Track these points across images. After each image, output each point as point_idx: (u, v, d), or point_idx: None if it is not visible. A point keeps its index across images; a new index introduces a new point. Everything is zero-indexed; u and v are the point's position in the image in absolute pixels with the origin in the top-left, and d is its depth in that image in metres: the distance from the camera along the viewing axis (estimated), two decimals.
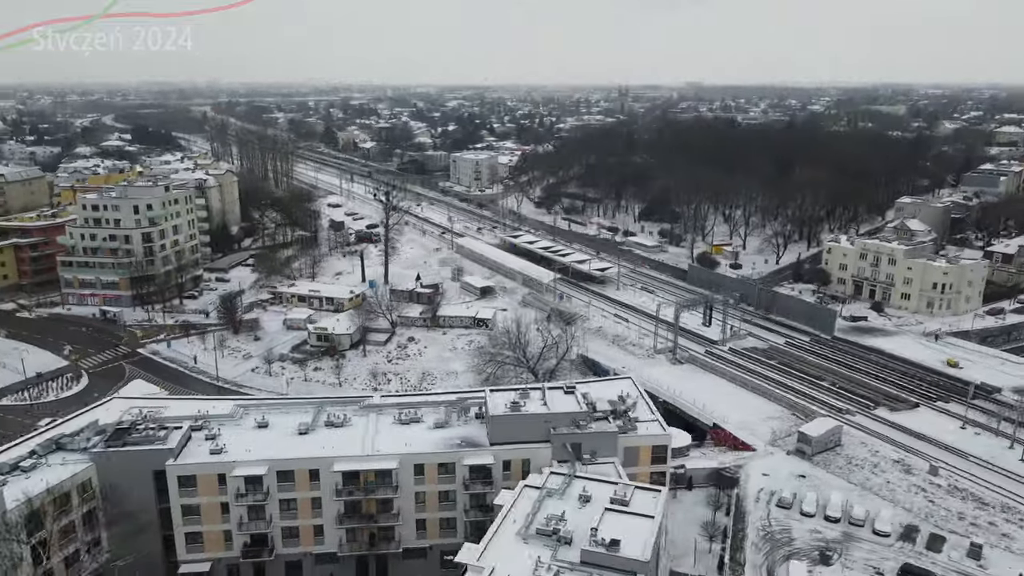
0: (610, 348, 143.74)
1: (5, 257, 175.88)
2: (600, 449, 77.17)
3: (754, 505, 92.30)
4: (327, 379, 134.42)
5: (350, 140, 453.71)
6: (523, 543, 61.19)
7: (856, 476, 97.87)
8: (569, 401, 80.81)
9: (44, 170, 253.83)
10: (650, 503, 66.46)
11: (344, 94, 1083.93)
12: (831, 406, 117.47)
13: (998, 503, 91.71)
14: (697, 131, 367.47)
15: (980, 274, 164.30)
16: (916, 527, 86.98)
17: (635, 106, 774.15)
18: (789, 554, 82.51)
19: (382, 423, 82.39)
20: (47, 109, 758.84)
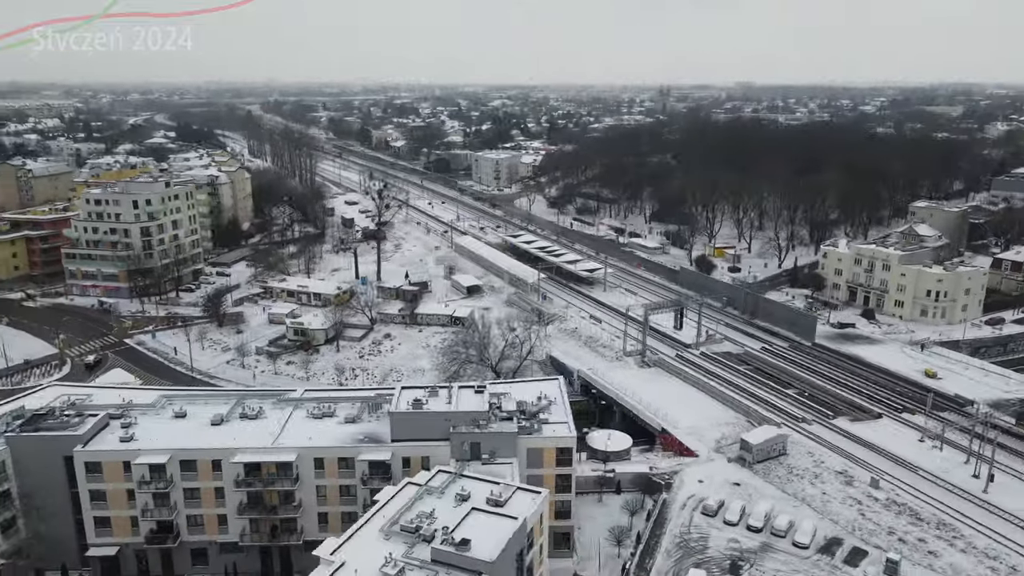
0: (581, 349, 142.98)
1: (17, 248, 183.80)
2: (500, 449, 77.16)
3: (679, 511, 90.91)
4: (296, 373, 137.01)
5: (382, 138, 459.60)
6: (384, 539, 61.74)
7: (793, 486, 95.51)
8: (476, 400, 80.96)
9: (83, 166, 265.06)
10: (526, 505, 66.32)
11: (392, 93, 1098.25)
12: (789, 414, 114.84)
13: (935, 519, 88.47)
14: (723, 131, 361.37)
15: (979, 282, 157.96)
16: (840, 540, 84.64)
17: (678, 106, 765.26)
18: (699, 562, 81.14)
19: (295, 417, 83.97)
20: (105, 107, 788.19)
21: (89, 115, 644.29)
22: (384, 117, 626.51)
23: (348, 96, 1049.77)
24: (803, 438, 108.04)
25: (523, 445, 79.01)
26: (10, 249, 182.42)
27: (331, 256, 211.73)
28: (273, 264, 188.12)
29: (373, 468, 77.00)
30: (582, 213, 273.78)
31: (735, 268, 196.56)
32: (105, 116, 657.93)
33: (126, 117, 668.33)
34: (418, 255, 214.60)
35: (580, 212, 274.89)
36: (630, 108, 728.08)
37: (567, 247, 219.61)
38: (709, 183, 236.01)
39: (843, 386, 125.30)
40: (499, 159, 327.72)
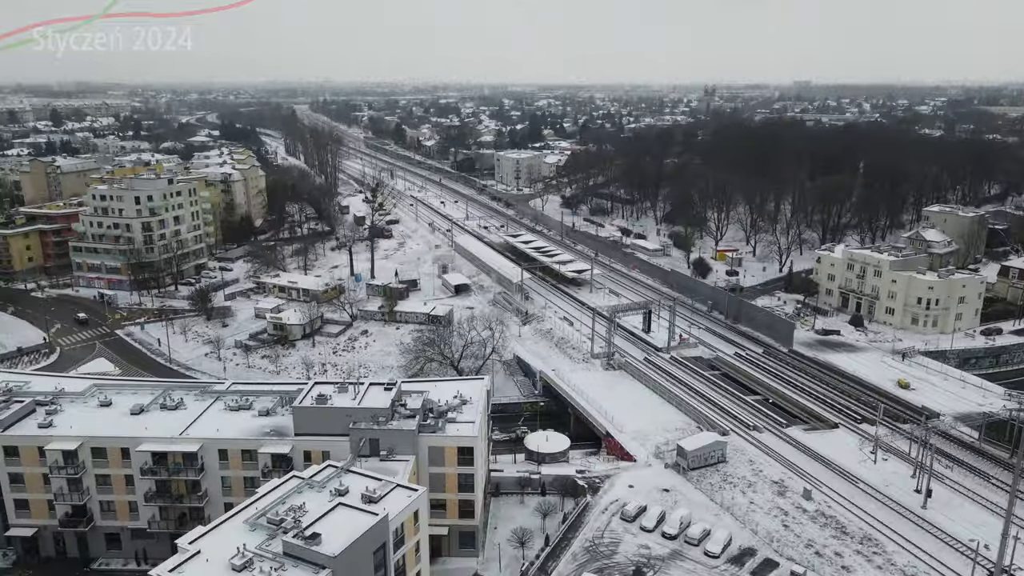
0: (551, 350, 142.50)
1: (31, 241, 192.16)
2: (398, 446, 77.83)
3: (598, 516, 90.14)
4: (268, 367, 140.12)
5: (415, 137, 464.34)
6: (249, 531, 62.74)
7: (723, 494, 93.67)
8: (383, 398, 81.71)
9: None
10: (398, 502, 66.83)
11: (440, 93, 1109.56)
12: (742, 421, 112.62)
13: (860, 534, 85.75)
14: (746, 132, 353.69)
15: (975, 290, 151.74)
16: (753, 551, 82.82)
17: (723, 106, 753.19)
18: (603, 567, 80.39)
19: (213, 409, 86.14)
20: (162, 107, 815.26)
21: (144, 114, 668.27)
22: (424, 116, 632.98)
23: (397, 95, 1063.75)
24: (749, 446, 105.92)
25: (424, 443, 79.44)
26: (24, 242, 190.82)
27: (334, 253, 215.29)
28: (270, 260, 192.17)
29: (275, 461, 78.49)
30: (595, 214, 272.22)
31: (732, 271, 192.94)
32: (160, 115, 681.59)
33: (180, 116, 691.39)
34: (419, 253, 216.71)
35: (593, 213, 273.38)
36: (673, 108, 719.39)
37: (568, 248, 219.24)
38: (720, 184, 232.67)
39: (808, 394, 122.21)
40: (520, 159, 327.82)
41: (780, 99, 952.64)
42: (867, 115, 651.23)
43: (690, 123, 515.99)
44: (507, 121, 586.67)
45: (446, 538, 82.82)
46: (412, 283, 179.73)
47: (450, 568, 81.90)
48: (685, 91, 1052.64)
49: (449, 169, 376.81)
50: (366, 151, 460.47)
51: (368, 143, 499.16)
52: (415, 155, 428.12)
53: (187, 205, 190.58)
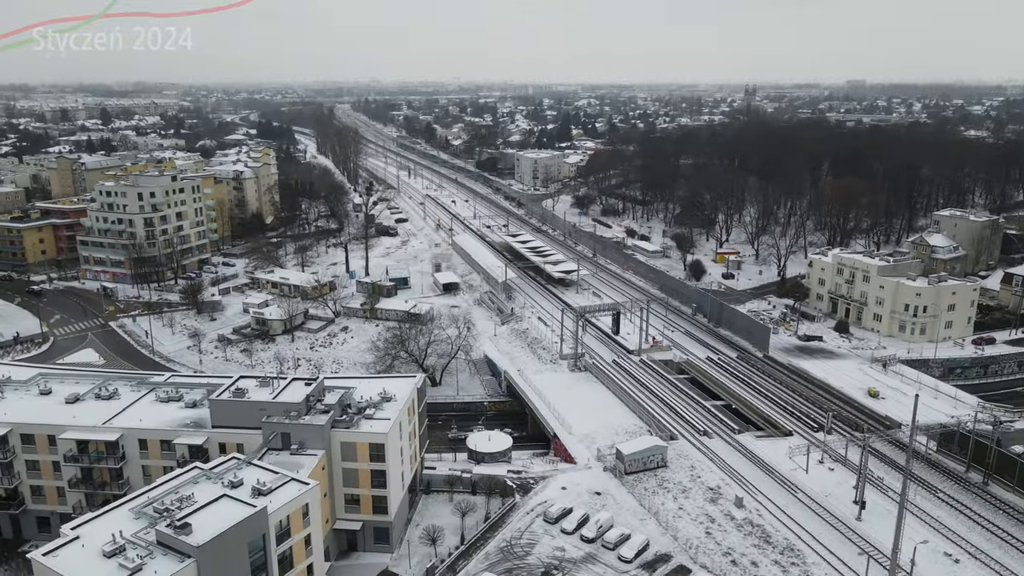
0: (522, 350, 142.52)
1: (44, 235, 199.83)
2: (308, 441, 79.03)
3: (522, 516, 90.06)
4: (243, 360, 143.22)
5: (444, 137, 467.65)
6: (134, 518, 64.61)
7: (654, 499, 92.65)
8: (300, 393, 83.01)
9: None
10: (286, 495, 68.04)
11: (484, 92, 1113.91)
12: (694, 426, 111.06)
13: (783, 544, 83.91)
14: (767, 133, 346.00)
15: (967, 298, 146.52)
16: (668, 557, 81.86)
17: (765, 106, 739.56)
18: (512, 568, 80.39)
19: (146, 399, 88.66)
20: (210, 106, 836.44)
21: (190, 113, 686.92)
22: (459, 116, 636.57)
23: (440, 94, 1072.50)
24: (695, 451, 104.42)
25: (337, 439, 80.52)
26: (37, 235, 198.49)
27: (338, 250, 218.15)
28: (268, 256, 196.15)
29: (192, 451, 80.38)
30: (606, 214, 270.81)
31: (729, 275, 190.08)
32: (204, 114, 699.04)
33: (224, 115, 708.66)
34: (420, 251, 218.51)
35: (604, 213, 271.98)
36: (712, 108, 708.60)
37: (569, 248, 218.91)
38: (728, 186, 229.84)
39: (771, 401, 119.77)
40: (538, 158, 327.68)
41: (828, 99, 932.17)
42: (915, 115, 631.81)
43: (721, 123, 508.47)
44: (541, 121, 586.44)
45: (360, 533, 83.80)
46: (403, 281, 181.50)
47: (363, 563, 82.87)
48: (732, 91, 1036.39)
49: (471, 168, 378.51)
50: (395, 150, 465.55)
51: (399, 142, 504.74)
52: (442, 154, 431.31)
53: (190, 202, 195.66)
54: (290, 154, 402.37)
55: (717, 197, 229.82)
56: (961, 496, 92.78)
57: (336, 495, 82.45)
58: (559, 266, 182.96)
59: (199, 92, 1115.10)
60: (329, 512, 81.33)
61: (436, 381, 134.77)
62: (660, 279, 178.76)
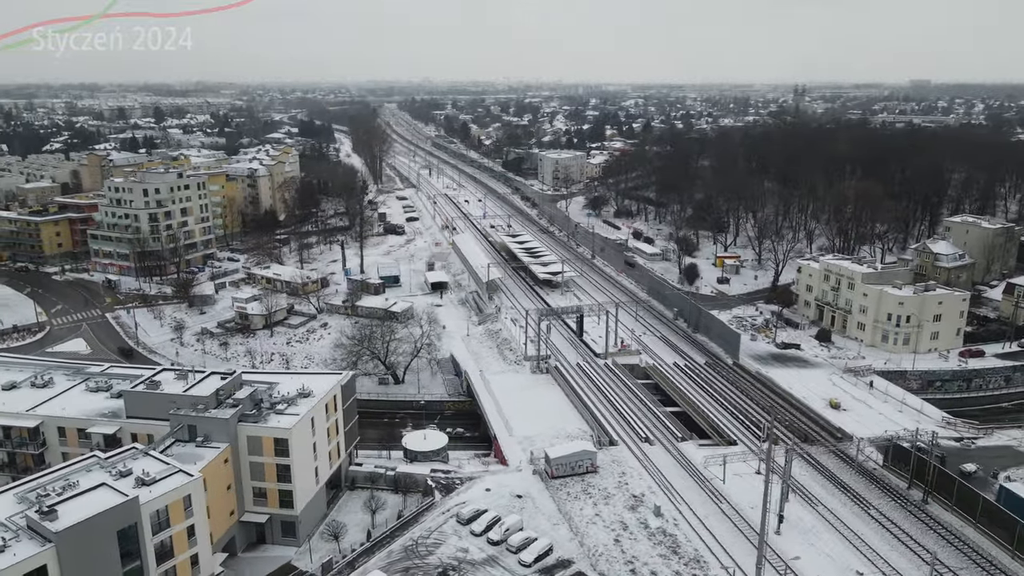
0: (491, 350, 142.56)
1: (60, 228, 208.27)
2: (213, 433, 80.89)
3: (438, 516, 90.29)
4: (220, 354, 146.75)
5: (477, 136, 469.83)
6: (16, 502, 67.28)
7: (573, 504, 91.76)
8: (213, 386, 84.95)
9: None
10: (167, 486, 69.94)
11: (532, 92, 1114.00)
12: (638, 432, 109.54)
13: (691, 555, 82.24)
14: (791, 133, 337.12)
15: (956, 308, 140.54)
16: (569, 563, 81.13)
17: (814, 106, 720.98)
18: (410, 567, 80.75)
19: (77, 389, 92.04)
20: (261, 105, 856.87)
21: (239, 112, 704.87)
22: (498, 115, 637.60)
23: (488, 94, 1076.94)
24: (631, 458, 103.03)
25: (243, 433, 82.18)
26: (54, 228, 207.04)
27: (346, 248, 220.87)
28: (269, 253, 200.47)
29: (107, 440, 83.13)
30: (620, 215, 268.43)
31: (724, 279, 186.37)
32: (254, 113, 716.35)
33: (274, 114, 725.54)
34: (421, 249, 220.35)
35: (618, 215, 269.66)
36: (758, 109, 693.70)
37: (570, 249, 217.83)
38: (737, 188, 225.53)
39: (726, 409, 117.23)
40: (559, 159, 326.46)
41: (887, 99, 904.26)
42: (973, 117, 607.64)
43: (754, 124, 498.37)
44: (581, 120, 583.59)
45: (269, 526, 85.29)
46: (393, 279, 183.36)
47: (269, 555, 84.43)
48: (786, 91, 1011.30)
49: (496, 168, 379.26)
50: (428, 148, 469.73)
51: (435, 141, 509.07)
52: (473, 153, 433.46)
53: (195, 198, 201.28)
54: (322, 152, 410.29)
55: (727, 200, 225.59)
56: (895, 514, 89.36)
57: (245, 488, 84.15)
58: (547, 267, 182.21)
59: (255, 91, 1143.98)
60: (236, 504, 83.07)
61: (399, 379, 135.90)
62: (648, 282, 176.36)
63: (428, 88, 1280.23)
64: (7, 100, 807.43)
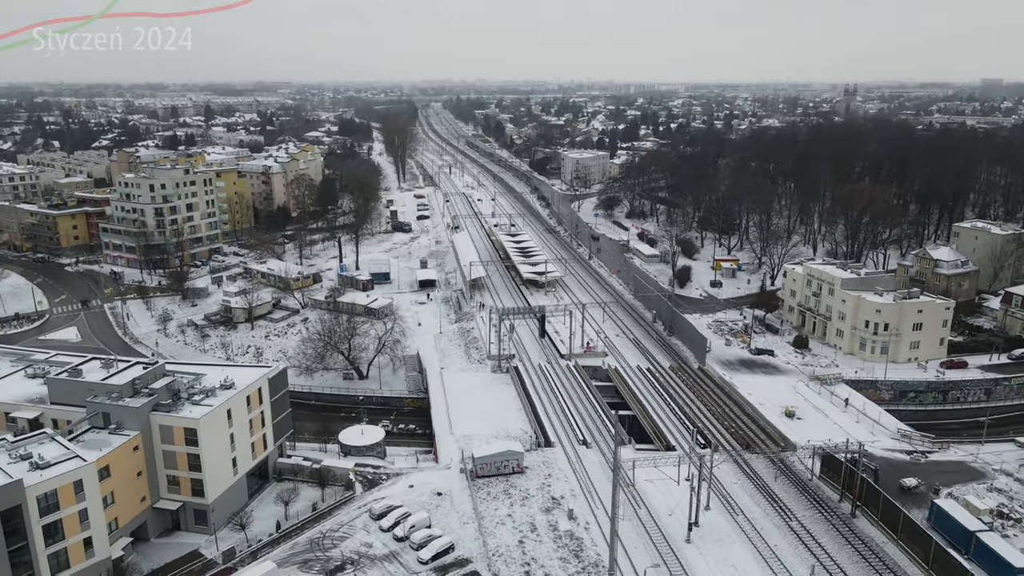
0: (458, 348, 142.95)
1: (78, 222, 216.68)
2: (125, 421, 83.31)
3: (354, 510, 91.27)
4: (200, 346, 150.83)
5: (510, 136, 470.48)
6: None
7: (488, 504, 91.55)
8: (133, 375, 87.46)
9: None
10: (58, 470, 72.48)
11: (581, 92, 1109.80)
12: (579, 436, 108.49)
13: (593, 559, 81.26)
14: (817, 133, 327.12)
15: (939, 317, 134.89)
16: (467, 562, 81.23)
17: (866, 106, 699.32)
18: (310, 559, 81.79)
19: (18, 375, 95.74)
20: (310, 105, 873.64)
21: (287, 111, 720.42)
22: (537, 115, 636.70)
23: (537, 93, 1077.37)
24: (563, 460, 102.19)
25: (156, 422, 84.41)
26: (71, 222, 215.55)
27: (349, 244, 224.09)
28: (268, 248, 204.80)
29: (32, 424, 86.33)
30: (632, 216, 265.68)
31: (717, 283, 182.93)
32: (300, 113, 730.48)
33: (322, 112, 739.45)
34: (423, 247, 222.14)
35: (630, 215, 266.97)
36: (807, 109, 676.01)
37: (570, 249, 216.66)
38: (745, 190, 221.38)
39: (676, 414, 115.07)
40: (579, 158, 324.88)
41: (951, 98, 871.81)
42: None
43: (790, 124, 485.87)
44: (622, 120, 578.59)
45: (182, 513, 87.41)
46: (384, 276, 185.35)
47: (180, 542, 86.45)
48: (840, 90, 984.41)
49: (523, 167, 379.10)
50: (462, 147, 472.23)
51: (470, 140, 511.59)
52: (504, 152, 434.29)
53: (201, 194, 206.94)
54: (353, 150, 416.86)
55: (734, 201, 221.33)
56: (816, 526, 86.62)
57: (159, 475, 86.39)
58: (534, 267, 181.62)
59: (310, 91, 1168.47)
60: (148, 491, 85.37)
61: (363, 375, 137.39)
62: (635, 283, 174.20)
63: (480, 88, 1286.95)
64: (72, 99, 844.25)
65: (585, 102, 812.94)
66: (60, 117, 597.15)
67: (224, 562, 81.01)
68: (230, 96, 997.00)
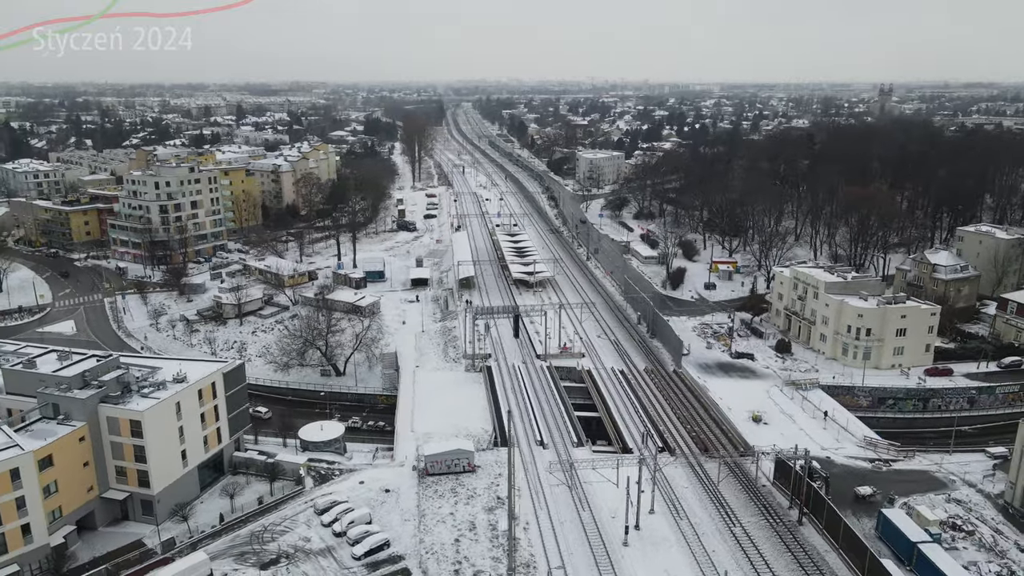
0: (437, 347, 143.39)
1: (89, 217, 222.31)
2: (74, 412, 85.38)
3: (300, 505, 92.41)
4: (187, 340, 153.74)
5: (531, 136, 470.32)
6: None
7: (432, 502, 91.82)
8: (80, 367, 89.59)
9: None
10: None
11: (614, 91, 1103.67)
12: (535, 435, 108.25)
13: (525, 560, 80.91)
14: (835, 134, 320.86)
15: (924, 323, 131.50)
16: (399, 559, 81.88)
17: (901, 107, 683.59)
18: (246, 552, 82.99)
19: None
20: (341, 104, 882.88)
21: (316, 110, 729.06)
22: (563, 115, 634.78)
23: (570, 93, 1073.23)
24: (516, 459, 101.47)
25: (104, 413, 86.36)
26: (83, 218, 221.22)
27: (362, 242, 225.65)
28: (269, 245, 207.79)
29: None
30: (640, 217, 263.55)
31: (711, 285, 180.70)
32: (331, 112, 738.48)
33: (352, 112, 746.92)
34: (424, 246, 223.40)
35: (638, 216, 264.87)
36: (839, 110, 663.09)
37: (570, 250, 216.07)
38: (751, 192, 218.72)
39: (641, 417, 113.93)
40: (593, 159, 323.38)
41: (995, 99, 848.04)
42: None
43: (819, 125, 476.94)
44: (648, 120, 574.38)
45: (130, 503, 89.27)
46: (378, 274, 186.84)
47: (127, 531, 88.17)
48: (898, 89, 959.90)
49: (540, 167, 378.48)
50: (484, 148, 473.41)
51: (492, 140, 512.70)
52: (525, 152, 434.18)
53: (206, 192, 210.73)
54: (373, 149, 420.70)
55: (740, 203, 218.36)
56: (759, 533, 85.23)
57: (108, 466, 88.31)
58: (525, 267, 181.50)
59: (344, 91, 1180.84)
60: (96, 480, 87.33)
61: (340, 371, 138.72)
62: (624, 284, 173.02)
63: (513, 88, 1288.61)
64: (113, 99, 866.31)
65: (615, 102, 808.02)
66: (97, 116, 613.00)
67: (163, 552, 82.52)
68: (266, 96, 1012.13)
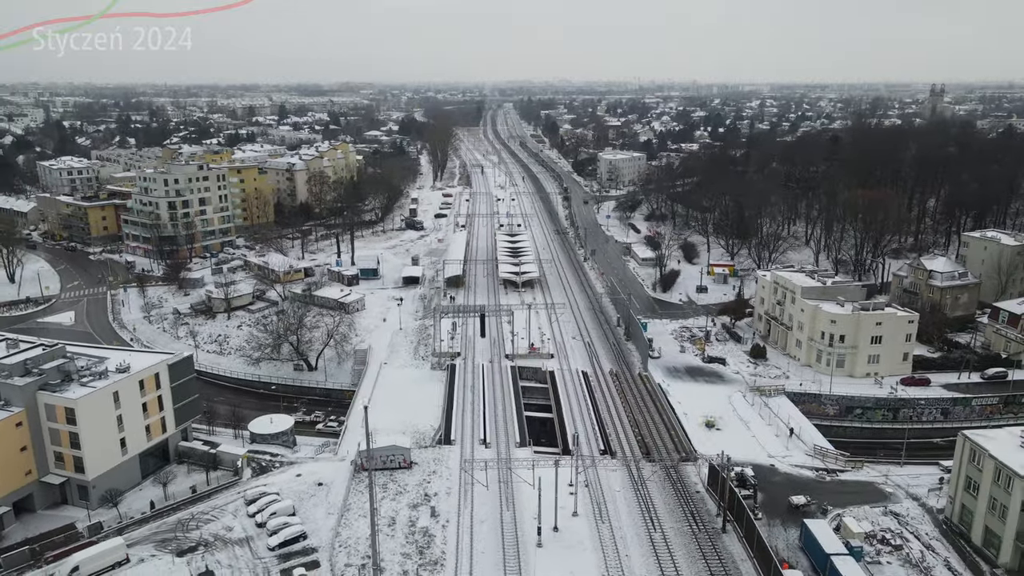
0: (409, 344, 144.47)
1: (107, 213, 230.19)
2: (12, 399, 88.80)
3: (229, 496, 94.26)
4: (173, 332, 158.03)
5: (561, 136, 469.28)
6: None
7: (359, 497, 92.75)
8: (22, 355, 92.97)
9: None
10: None
11: (660, 92, 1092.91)
12: (479, 434, 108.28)
13: (436, 557, 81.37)
14: (862, 135, 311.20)
15: (901, 331, 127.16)
16: (311, 551, 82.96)
17: (955, 108, 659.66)
18: (168, 539, 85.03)
19: None
20: (385, 104, 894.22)
21: (357, 111, 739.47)
22: (600, 116, 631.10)
23: (615, 94, 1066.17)
24: (456, 457, 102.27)
25: (42, 400, 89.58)
26: (101, 213, 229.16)
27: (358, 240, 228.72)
28: (271, 242, 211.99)
29: None
30: (652, 219, 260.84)
31: (702, 288, 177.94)
32: (371, 112, 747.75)
33: (393, 112, 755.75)
34: (426, 245, 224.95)
35: (650, 218, 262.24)
36: (886, 112, 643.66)
37: (570, 251, 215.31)
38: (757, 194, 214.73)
39: (592, 420, 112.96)
40: (613, 160, 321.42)
41: None
42: None
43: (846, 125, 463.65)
44: (685, 121, 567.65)
45: (68, 488, 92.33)
46: (372, 272, 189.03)
47: (63, 515, 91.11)
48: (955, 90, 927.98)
49: (565, 168, 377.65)
50: (514, 148, 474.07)
51: (523, 141, 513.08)
52: (553, 152, 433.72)
53: (214, 189, 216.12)
54: (402, 148, 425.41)
55: (745, 206, 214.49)
56: (678, 539, 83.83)
57: (47, 451, 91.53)
58: (514, 267, 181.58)
59: (391, 91, 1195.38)
60: (35, 465, 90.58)
61: (312, 366, 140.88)
62: (611, 286, 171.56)
63: (558, 88, 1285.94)
64: (167, 99, 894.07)
65: (657, 103, 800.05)
66: (147, 116, 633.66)
67: (90, 536, 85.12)
68: (315, 96, 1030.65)
